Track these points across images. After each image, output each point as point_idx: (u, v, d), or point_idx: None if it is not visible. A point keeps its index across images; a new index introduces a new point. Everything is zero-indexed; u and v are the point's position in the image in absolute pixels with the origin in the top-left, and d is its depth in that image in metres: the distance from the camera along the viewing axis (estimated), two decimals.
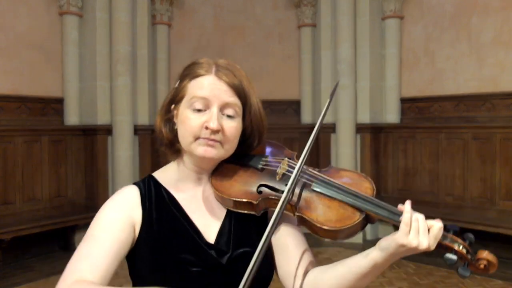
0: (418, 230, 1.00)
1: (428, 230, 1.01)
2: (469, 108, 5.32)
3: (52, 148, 5.22)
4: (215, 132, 1.08)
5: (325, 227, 1.03)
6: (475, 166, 5.05)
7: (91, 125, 5.49)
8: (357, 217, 1.04)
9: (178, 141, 1.14)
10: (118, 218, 1.10)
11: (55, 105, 5.47)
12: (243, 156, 1.18)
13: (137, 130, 5.74)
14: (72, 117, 5.53)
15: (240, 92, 1.11)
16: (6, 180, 4.80)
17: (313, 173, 1.12)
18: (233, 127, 1.11)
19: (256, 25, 6.41)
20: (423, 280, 4.31)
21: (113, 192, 5.05)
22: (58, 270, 4.36)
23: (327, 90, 6.09)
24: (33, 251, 5.04)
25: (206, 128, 1.08)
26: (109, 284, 1.04)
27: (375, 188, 1.10)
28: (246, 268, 0.95)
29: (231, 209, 1.12)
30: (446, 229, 1.04)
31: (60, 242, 5.31)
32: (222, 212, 1.16)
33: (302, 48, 6.36)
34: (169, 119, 1.16)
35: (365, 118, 5.84)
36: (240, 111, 1.12)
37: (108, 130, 5.53)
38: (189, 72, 1.13)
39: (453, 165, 5.24)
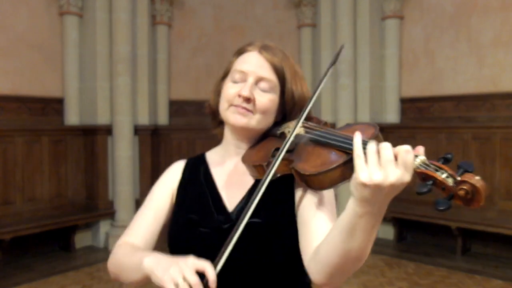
0: (377, 161, 0.84)
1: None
2: (469, 108, 5.33)
3: (52, 148, 5.23)
4: (246, 100, 1.16)
5: (307, 173, 0.98)
6: (475, 166, 5.01)
7: (91, 125, 5.50)
8: (342, 160, 0.95)
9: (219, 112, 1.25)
10: (163, 188, 1.30)
11: (55, 105, 5.47)
12: (273, 128, 1.24)
13: (137, 130, 5.75)
14: (72, 117, 5.53)
15: (278, 70, 1.20)
16: (6, 180, 4.80)
17: (314, 126, 1.13)
18: (264, 99, 1.18)
19: (256, 25, 6.41)
20: (423, 280, 4.31)
21: (113, 192, 5.11)
22: (58, 270, 4.39)
23: (327, 90, 6.09)
24: (33, 251, 5.04)
25: (239, 96, 1.17)
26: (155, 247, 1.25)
27: (377, 133, 0.98)
28: (249, 237, 1.03)
29: (255, 177, 1.18)
30: (445, 158, 0.90)
31: (60, 242, 5.31)
32: (250, 183, 1.21)
33: (302, 48, 6.36)
34: (219, 90, 1.26)
35: (365, 118, 5.83)
36: (276, 88, 1.20)
37: (108, 130, 5.53)
38: (239, 50, 1.26)
39: (453, 165, 5.23)
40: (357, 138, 0.88)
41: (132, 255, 1.15)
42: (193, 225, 1.19)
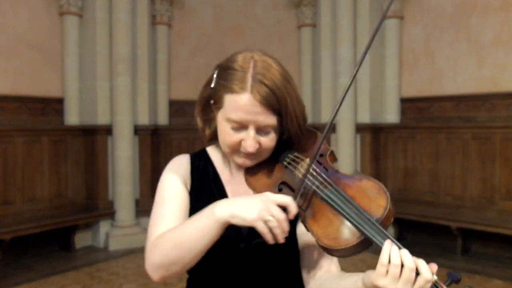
0: (398, 277, 0.88)
1: (417, 273, 0.88)
2: (469, 108, 5.33)
3: (52, 148, 5.23)
4: (252, 153, 1.12)
5: (320, 243, 0.99)
6: (475, 166, 5.05)
7: (91, 125, 5.50)
8: (355, 240, 0.95)
9: (217, 138, 1.20)
10: (178, 180, 1.22)
11: (55, 105, 5.47)
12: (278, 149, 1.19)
13: (137, 130, 5.75)
14: (72, 117, 5.53)
15: (275, 107, 1.09)
16: (6, 180, 4.80)
17: (325, 178, 1.06)
18: (269, 140, 1.13)
19: (256, 25, 6.41)
20: None
21: (113, 192, 5.11)
22: (58, 270, 4.39)
23: (327, 90, 6.10)
24: (33, 251, 5.04)
25: (245, 149, 1.12)
26: None
27: (388, 207, 0.96)
28: (258, 259, 1.08)
29: None
30: (447, 274, 0.92)
31: (60, 242, 5.31)
32: None
33: (302, 48, 6.36)
34: (209, 116, 1.20)
35: (365, 118, 5.84)
36: (276, 124, 1.12)
37: (108, 130, 5.53)
38: (225, 83, 1.11)
39: (453, 165, 5.25)
40: (387, 246, 0.91)
41: (186, 224, 1.06)
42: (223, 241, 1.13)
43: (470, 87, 5.30)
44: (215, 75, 1.16)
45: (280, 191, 1.10)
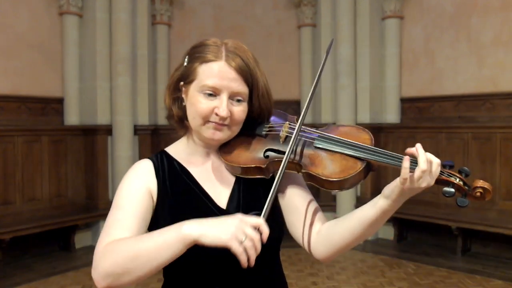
0: (421, 173, 1.04)
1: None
2: (469, 108, 5.33)
3: (52, 148, 5.23)
4: (224, 118, 1.14)
5: (331, 179, 1.11)
6: (475, 166, 5.05)
7: (91, 125, 5.50)
8: (359, 166, 1.12)
9: (187, 119, 1.20)
10: (138, 187, 1.17)
11: (55, 105, 5.47)
12: (247, 126, 1.24)
13: (137, 130, 5.75)
14: (72, 117, 5.53)
15: (248, 78, 1.16)
16: (6, 180, 4.80)
17: (313, 131, 1.20)
18: (240, 110, 1.17)
19: (256, 25, 6.41)
20: (423, 280, 4.31)
21: (113, 192, 5.06)
22: (58, 270, 4.39)
23: (327, 90, 6.10)
24: (33, 251, 5.04)
25: (216, 114, 1.14)
26: None
27: (373, 138, 1.18)
28: (233, 260, 0.99)
29: (241, 176, 1.21)
30: (442, 165, 1.09)
31: (60, 242, 5.31)
32: (232, 180, 1.23)
33: (302, 48, 6.36)
34: (178, 97, 1.22)
35: (365, 118, 5.84)
36: (247, 96, 1.18)
37: (108, 130, 5.53)
38: (199, 55, 1.17)
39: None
40: (406, 161, 1.06)
41: (148, 236, 1.03)
42: None
43: (470, 87, 5.30)
44: (186, 57, 1.22)
45: (266, 158, 1.17)
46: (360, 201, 5.58)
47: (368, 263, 4.87)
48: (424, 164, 1.03)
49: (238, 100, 1.16)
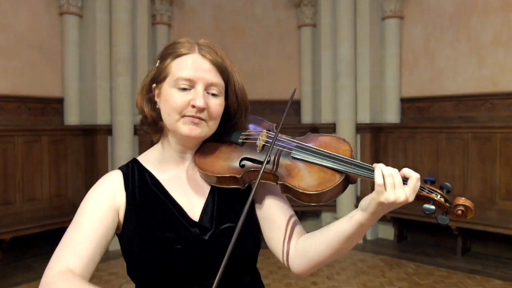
0: (394, 185, 1.00)
1: (407, 181, 1.02)
2: (469, 108, 5.33)
3: (52, 148, 5.23)
4: (201, 110, 1.10)
5: (308, 192, 1.06)
6: (475, 166, 5.05)
7: (91, 125, 5.50)
8: (337, 179, 1.06)
9: (161, 119, 1.16)
10: (101, 203, 1.13)
11: (55, 105, 5.47)
12: (224, 134, 1.21)
13: (137, 130, 5.74)
14: (72, 117, 5.53)
15: (223, 71, 1.14)
16: (6, 180, 4.80)
17: (292, 140, 1.16)
18: (217, 104, 1.13)
19: (256, 25, 6.41)
20: (423, 280, 4.31)
21: None
22: None
23: (327, 90, 6.10)
24: (33, 251, 5.04)
25: (193, 106, 1.10)
26: (93, 280, 1.08)
27: (352, 150, 1.13)
28: (228, 243, 0.97)
29: (216, 185, 1.16)
30: (424, 180, 1.06)
31: None
32: (207, 190, 1.18)
33: (302, 48, 6.36)
34: (150, 98, 1.18)
35: (365, 118, 5.84)
36: (223, 90, 1.15)
37: (108, 130, 5.53)
38: (171, 51, 1.15)
39: (453, 165, 5.24)
40: (377, 170, 1.02)
41: None
42: (169, 242, 1.10)
43: (470, 87, 5.30)
44: (158, 59, 1.18)
45: (242, 167, 1.13)
46: (360, 201, 5.57)
47: (368, 263, 4.88)
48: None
49: (214, 94, 1.13)
